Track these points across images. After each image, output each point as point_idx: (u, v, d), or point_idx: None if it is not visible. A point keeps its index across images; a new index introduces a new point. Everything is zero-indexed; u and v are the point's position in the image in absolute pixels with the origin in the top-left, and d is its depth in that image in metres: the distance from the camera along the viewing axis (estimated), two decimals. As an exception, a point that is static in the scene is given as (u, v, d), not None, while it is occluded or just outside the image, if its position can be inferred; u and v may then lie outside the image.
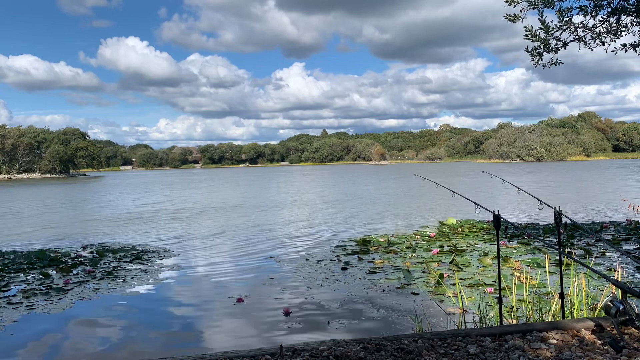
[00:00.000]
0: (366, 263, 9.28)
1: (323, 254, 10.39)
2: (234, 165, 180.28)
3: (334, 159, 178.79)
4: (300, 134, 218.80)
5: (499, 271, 4.26)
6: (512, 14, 6.33)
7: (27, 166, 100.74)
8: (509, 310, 5.52)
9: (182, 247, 12.14)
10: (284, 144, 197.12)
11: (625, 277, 7.24)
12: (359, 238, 12.12)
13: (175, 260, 10.29)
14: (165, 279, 8.64)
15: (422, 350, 3.29)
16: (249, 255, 10.77)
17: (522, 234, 11.36)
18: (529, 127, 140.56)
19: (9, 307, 6.96)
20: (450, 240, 11.26)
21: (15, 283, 8.35)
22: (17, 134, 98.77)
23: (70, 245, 12.64)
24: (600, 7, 6.68)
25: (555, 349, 3.28)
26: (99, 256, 10.62)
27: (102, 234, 14.86)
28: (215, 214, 19.95)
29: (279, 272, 8.85)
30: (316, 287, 7.66)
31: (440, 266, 8.78)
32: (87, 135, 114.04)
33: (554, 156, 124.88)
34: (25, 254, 10.84)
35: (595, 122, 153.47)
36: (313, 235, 13.37)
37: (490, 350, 3.29)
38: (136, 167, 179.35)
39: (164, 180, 66.26)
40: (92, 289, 7.88)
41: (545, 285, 6.87)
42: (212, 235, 13.90)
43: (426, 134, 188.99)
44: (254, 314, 6.46)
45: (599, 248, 9.70)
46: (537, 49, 6.82)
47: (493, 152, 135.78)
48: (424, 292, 7.08)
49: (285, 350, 3.31)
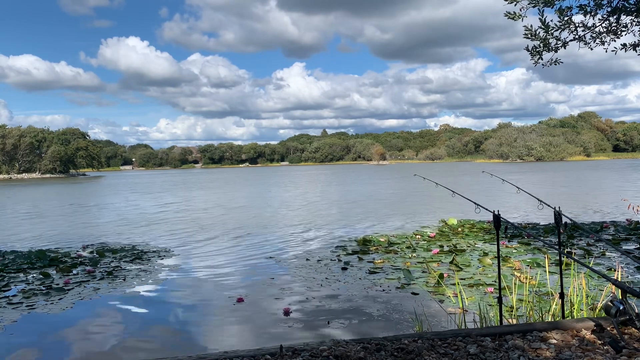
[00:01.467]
0: (366, 263, 9.28)
1: (323, 254, 10.39)
2: (234, 165, 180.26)
3: (334, 159, 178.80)
4: (300, 134, 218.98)
5: (499, 271, 4.26)
6: (512, 12, 6.33)
7: (27, 166, 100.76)
8: (509, 310, 5.53)
9: (182, 247, 12.14)
10: (284, 144, 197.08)
11: (625, 277, 7.23)
12: (359, 238, 12.12)
13: (175, 260, 10.29)
14: (165, 279, 8.64)
15: (422, 350, 3.29)
16: (249, 255, 10.77)
17: (522, 234, 11.36)
18: (529, 127, 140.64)
19: (9, 307, 6.96)
20: (450, 240, 11.25)
21: (15, 283, 8.35)
22: (17, 134, 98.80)
23: (71, 245, 12.64)
24: (600, 7, 6.68)
25: (555, 349, 3.27)
26: (99, 256, 10.62)
27: (102, 234, 14.86)
28: (215, 214, 19.95)
29: (279, 272, 8.85)
30: (316, 287, 7.66)
31: (441, 266, 8.78)
32: (87, 135, 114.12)
33: (554, 156, 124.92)
34: (25, 254, 10.84)
35: (595, 122, 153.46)
36: (313, 235, 13.37)
37: (490, 350, 3.28)
38: (136, 167, 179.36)
39: (164, 180, 66.25)
40: (92, 289, 7.88)
41: (545, 285, 6.87)
42: (212, 235, 13.90)
43: (426, 134, 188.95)
44: (254, 314, 6.46)
45: (599, 248, 9.69)
46: (537, 48, 6.82)
47: (493, 152, 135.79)
48: (424, 292, 7.08)
49: (285, 350, 3.31)
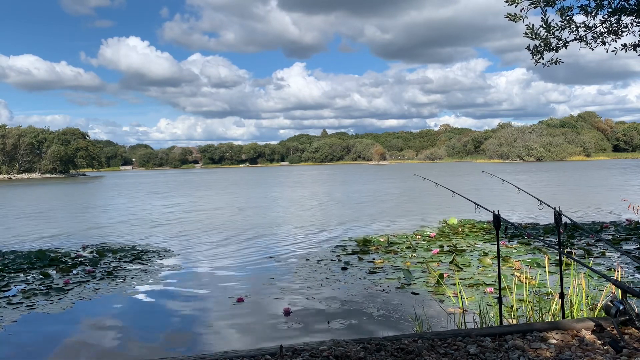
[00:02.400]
0: (366, 263, 9.28)
1: (323, 254, 10.39)
2: (234, 165, 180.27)
3: (334, 159, 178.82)
4: (300, 134, 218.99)
5: (499, 271, 4.26)
6: (512, 14, 6.33)
7: (27, 166, 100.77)
8: (509, 310, 5.52)
9: (182, 247, 12.14)
10: (284, 144, 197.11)
11: (625, 277, 7.23)
12: (359, 238, 12.11)
13: (176, 260, 10.29)
14: (165, 279, 8.63)
15: (422, 350, 3.29)
16: (249, 255, 10.77)
17: (522, 234, 11.35)
18: (529, 127, 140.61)
19: (9, 307, 6.96)
20: (450, 240, 11.25)
21: (15, 283, 8.35)
22: (17, 134, 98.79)
23: (70, 245, 12.64)
24: (600, 7, 6.68)
25: (555, 349, 3.27)
26: (99, 256, 10.62)
27: (102, 234, 14.86)
28: (215, 214, 19.95)
29: (279, 272, 8.85)
30: (316, 287, 7.66)
31: (441, 266, 8.77)
32: (87, 135, 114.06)
33: (554, 156, 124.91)
34: (25, 254, 10.84)
35: (595, 122, 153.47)
36: (313, 235, 13.37)
37: (490, 350, 3.28)
38: (136, 167, 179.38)
39: (164, 181, 66.25)
40: (92, 289, 7.87)
41: (545, 285, 6.86)
42: (212, 235, 13.89)
43: (426, 134, 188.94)
44: (254, 314, 6.46)
45: (599, 248, 9.69)
46: (538, 47, 6.82)
47: (493, 152, 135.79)
48: (424, 292, 7.08)
49: (285, 350, 3.31)
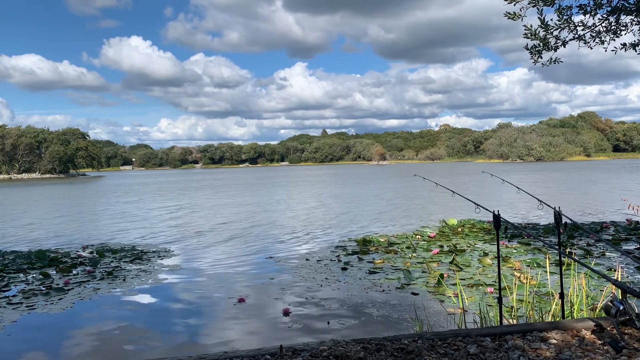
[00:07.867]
0: (366, 263, 9.28)
1: (323, 254, 10.39)
2: (234, 166, 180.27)
3: (333, 159, 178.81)
4: (300, 134, 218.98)
5: (499, 271, 4.26)
6: (512, 12, 6.33)
7: (27, 166, 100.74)
8: (509, 310, 5.52)
9: (182, 247, 12.14)
10: (284, 144, 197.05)
11: (625, 277, 7.23)
12: (359, 238, 12.12)
13: (176, 261, 10.29)
14: (165, 279, 8.63)
15: (422, 350, 3.28)
16: (249, 255, 10.77)
17: (522, 234, 11.35)
18: (529, 127, 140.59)
19: (9, 307, 6.96)
20: (450, 240, 11.25)
21: (15, 283, 8.35)
22: (16, 134, 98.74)
23: (70, 245, 12.63)
24: (599, 6, 6.68)
25: (555, 349, 3.27)
26: (99, 256, 10.61)
27: (102, 234, 14.86)
28: (215, 214, 19.94)
29: (279, 272, 8.85)
30: (316, 287, 7.66)
31: (441, 266, 8.77)
32: (87, 135, 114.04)
33: (554, 156, 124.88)
34: (25, 254, 10.84)
35: (595, 122, 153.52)
36: (313, 235, 13.37)
37: (490, 350, 3.28)
38: (136, 167, 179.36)
39: (164, 181, 66.23)
40: (92, 289, 7.87)
41: (545, 285, 6.86)
42: (212, 236, 13.89)
43: (426, 134, 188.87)
44: (254, 314, 6.46)
45: (599, 248, 9.69)
46: (536, 47, 6.82)
47: (493, 152, 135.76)
48: (424, 292, 7.08)
49: (285, 350, 3.30)
